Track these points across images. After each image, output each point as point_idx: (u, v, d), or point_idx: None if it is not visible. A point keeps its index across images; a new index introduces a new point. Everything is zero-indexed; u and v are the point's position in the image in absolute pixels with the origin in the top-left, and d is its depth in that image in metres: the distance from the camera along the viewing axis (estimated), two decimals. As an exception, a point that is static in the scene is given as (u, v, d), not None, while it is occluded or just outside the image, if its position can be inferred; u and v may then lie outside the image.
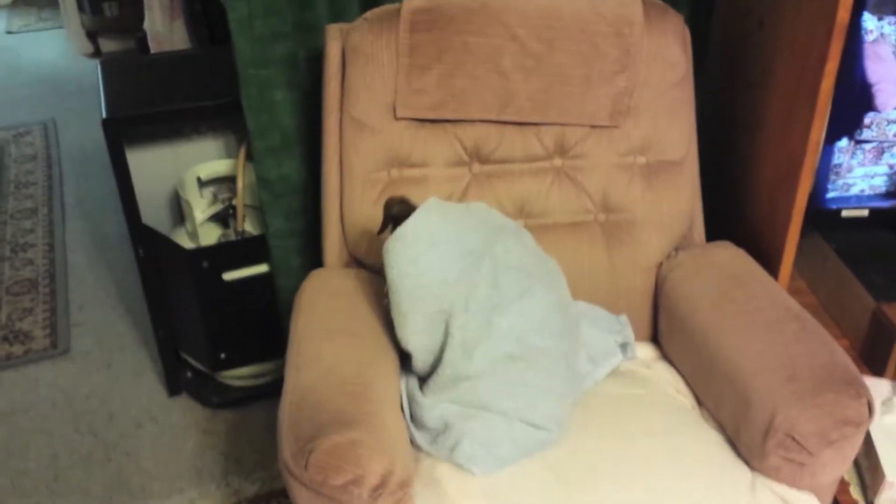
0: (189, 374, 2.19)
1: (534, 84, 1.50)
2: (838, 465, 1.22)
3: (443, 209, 1.35)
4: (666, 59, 1.52)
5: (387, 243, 1.31)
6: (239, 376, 2.12)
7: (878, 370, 1.59)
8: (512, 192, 1.57)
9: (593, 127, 1.55)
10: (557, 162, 1.58)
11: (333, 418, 1.13)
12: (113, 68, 2.07)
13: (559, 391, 1.32)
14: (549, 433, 1.28)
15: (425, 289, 1.29)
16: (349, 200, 1.54)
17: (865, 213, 1.68)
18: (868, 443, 1.41)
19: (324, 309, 1.40)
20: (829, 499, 1.30)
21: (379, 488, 1.10)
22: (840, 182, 1.68)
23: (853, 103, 1.58)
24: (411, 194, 1.54)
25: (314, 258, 1.85)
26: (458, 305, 1.28)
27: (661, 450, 1.29)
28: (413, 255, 1.29)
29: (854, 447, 1.21)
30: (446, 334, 1.28)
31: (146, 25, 3.28)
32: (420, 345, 1.31)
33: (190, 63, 2.14)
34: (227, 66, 1.93)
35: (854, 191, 1.68)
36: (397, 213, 1.35)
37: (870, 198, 1.71)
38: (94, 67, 2.10)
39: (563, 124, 1.55)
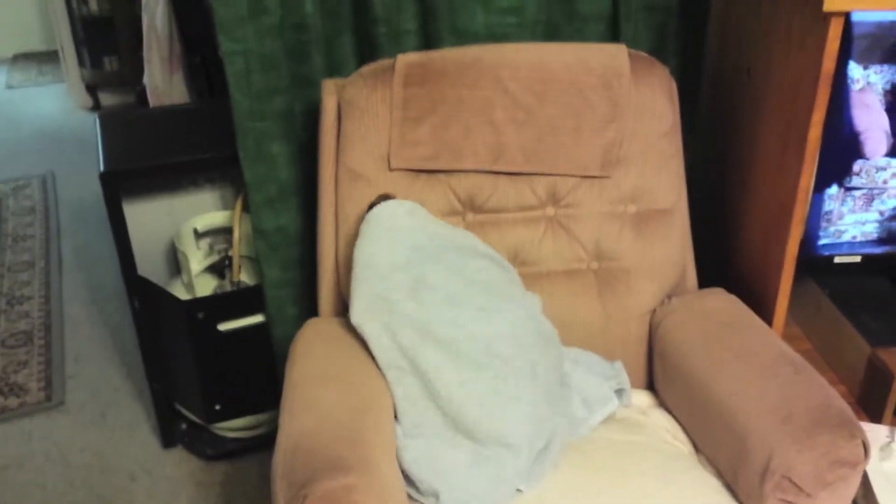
0: (183, 426, 2.17)
1: (526, 135, 1.53)
2: (835, 508, 1.21)
3: (414, 210, 1.47)
4: (654, 110, 1.55)
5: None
6: (234, 428, 2.11)
7: (875, 416, 1.59)
8: (505, 241, 1.59)
9: (584, 177, 1.58)
10: (550, 211, 1.60)
11: (327, 464, 1.13)
12: (111, 122, 2.10)
13: (529, 400, 1.33)
14: (518, 454, 1.28)
15: (372, 268, 1.39)
16: (344, 250, 1.55)
17: (858, 259, 1.69)
18: (867, 487, 1.40)
19: (319, 356, 1.41)
20: (829, 543, 1.30)
21: (373, 537, 1.10)
22: (832, 229, 1.70)
23: (842, 151, 1.61)
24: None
25: (310, 307, 1.86)
26: (402, 289, 1.37)
27: (658, 494, 1.28)
28: (369, 236, 1.42)
29: (851, 488, 1.21)
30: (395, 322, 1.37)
31: (145, 79, 3.33)
32: (369, 330, 1.38)
33: (188, 116, 2.17)
34: (224, 119, 1.96)
35: (846, 237, 1.70)
36: (375, 202, 1.48)
37: (862, 244, 1.73)
38: (94, 121, 2.13)
39: (554, 174, 1.58)
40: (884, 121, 1.56)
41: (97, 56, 4.49)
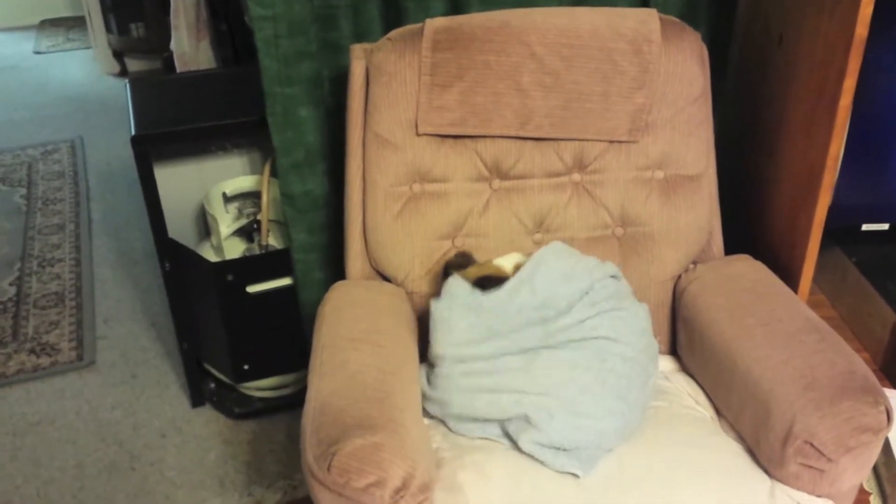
0: (212, 386, 2.22)
1: (553, 101, 1.53)
2: (857, 472, 1.22)
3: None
4: (684, 76, 1.54)
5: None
6: (261, 387, 2.15)
7: (898, 384, 1.59)
8: (531, 207, 1.60)
9: (612, 142, 1.58)
10: (576, 177, 1.60)
11: (356, 422, 1.15)
12: (141, 87, 2.12)
13: (631, 402, 1.35)
14: (596, 447, 1.31)
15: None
16: (371, 214, 1.57)
17: (886, 227, 1.68)
18: (888, 453, 1.41)
19: (347, 319, 1.43)
20: (848, 508, 1.31)
21: (400, 491, 1.12)
22: (859, 197, 1.69)
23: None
24: (432, 208, 1.57)
25: (337, 272, 1.88)
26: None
27: (681, 459, 1.30)
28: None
29: (873, 454, 1.22)
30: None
31: (172, 45, 3.35)
32: None
33: (216, 82, 2.19)
34: (252, 85, 1.97)
35: (873, 206, 1.69)
36: (451, 262, 1.48)
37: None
38: (121, 87, 2.16)
39: (581, 140, 1.58)
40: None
41: (124, 22, 4.51)
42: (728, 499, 1.24)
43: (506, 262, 1.47)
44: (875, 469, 1.46)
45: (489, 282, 1.41)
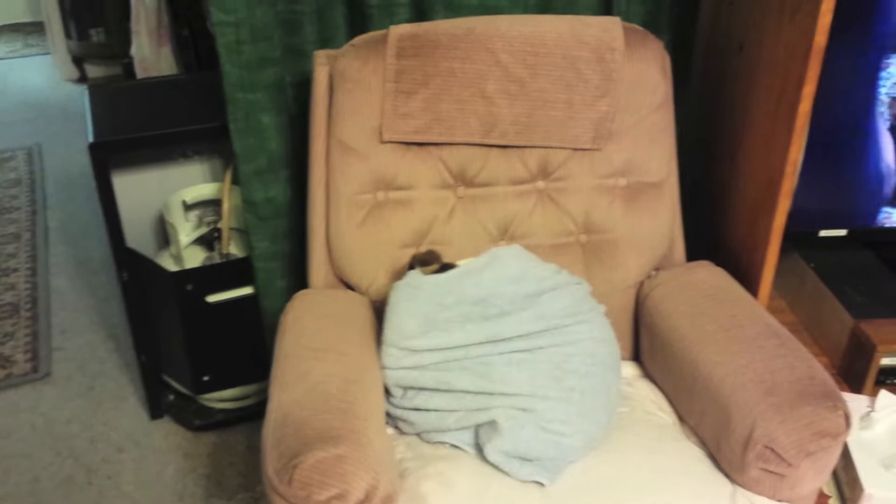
0: (171, 397, 2.18)
1: (517, 108, 1.53)
2: (817, 476, 1.23)
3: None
4: (646, 84, 1.55)
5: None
6: (221, 399, 2.12)
7: (856, 387, 1.61)
8: (496, 215, 1.59)
9: (575, 150, 1.58)
10: (541, 184, 1.60)
11: (318, 434, 1.14)
12: (100, 93, 2.09)
13: (594, 420, 1.34)
14: (563, 461, 1.31)
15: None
16: (335, 222, 1.55)
17: (843, 232, 1.71)
18: (847, 456, 1.42)
19: (309, 328, 1.41)
20: (809, 512, 1.32)
21: (364, 503, 1.11)
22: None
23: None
24: (397, 216, 1.56)
25: (299, 280, 1.87)
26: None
27: (644, 465, 1.30)
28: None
29: (832, 459, 1.23)
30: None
31: (133, 51, 3.30)
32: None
33: (177, 88, 2.16)
34: (213, 91, 1.95)
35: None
36: (416, 257, 1.48)
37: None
38: (80, 93, 2.12)
39: (546, 147, 1.58)
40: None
41: (84, 28, 4.44)
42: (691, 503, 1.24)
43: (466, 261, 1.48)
44: (835, 473, 1.47)
45: (443, 271, 1.43)
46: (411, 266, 1.50)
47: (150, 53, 3.24)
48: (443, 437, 1.36)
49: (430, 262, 1.48)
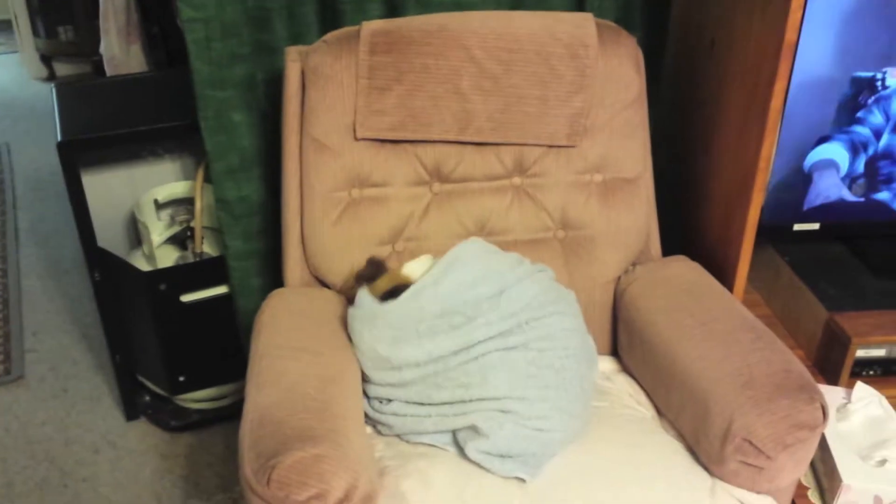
0: (147, 398, 2.16)
1: (492, 105, 1.53)
2: (795, 468, 1.24)
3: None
4: (620, 79, 1.55)
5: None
6: (198, 399, 2.10)
7: (832, 379, 1.63)
8: (472, 211, 1.59)
9: (551, 146, 1.58)
10: (517, 180, 1.60)
11: (296, 434, 1.13)
12: (68, 91, 2.06)
13: (571, 412, 1.34)
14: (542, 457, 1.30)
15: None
16: (310, 220, 1.54)
17: (816, 226, 1.72)
18: (824, 448, 1.44)
19: (285, 327, 1.40)
20: (787, 502, 1.33)
21: (343, 502, 1.10)
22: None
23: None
24: (372, 213, 1.55)
25: (274, 279, 1.85)
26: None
27: (623, 459, 1.30)
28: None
29: (809, 451, 1.24)
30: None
31: (102, 49, 3.26)
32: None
33: (147, 85, 2.13)
34: (184, 89, 1.93)
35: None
36: (360, 273, 1.44)
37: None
38: (49, 92, 2.08)
39: (521, 144, 1.58)
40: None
41: (52, 25, 4.38)
42: (670, 497, 1.25)
43: (416, 269, 1.43)
44: (813, 465, 1.49)
45: (397, 292, 1.39)
46: (358, 283, 1.46)
47: (120, 51, 3.20)
48: (420, 439, 1.35)
49: (376, 275, 1.44)
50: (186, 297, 1.93)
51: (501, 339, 1.35)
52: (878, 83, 1.58)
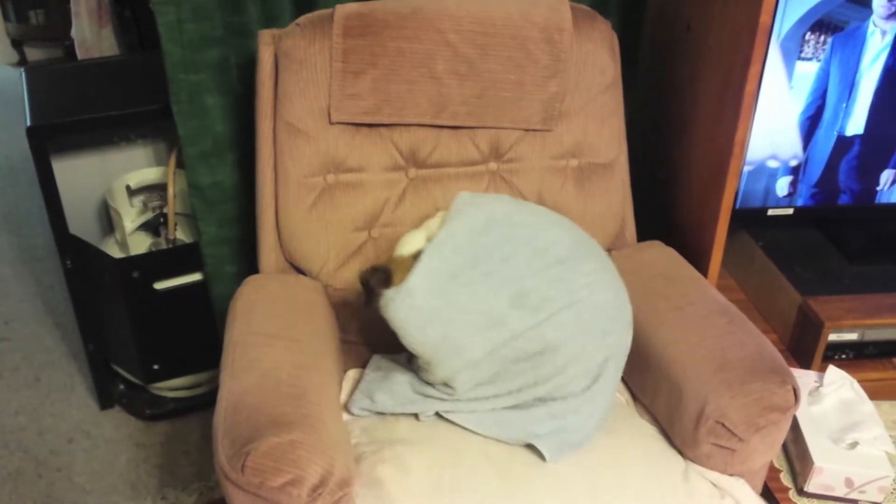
0: (121, 387, 2.14)
1: (468, 89, 1.52)
2: (767, 450, 1.25)
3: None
4: (595, 64, 1.55)
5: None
6: (173, 387, 2.08)
7: (805, 362, 1.64)
8: (448, 197, 1.58)
9: (527, 131, 1.58)
10: (493, 165, 1.60)
11: (271, 420, 1.12)
12: (37, 76, 2.02)
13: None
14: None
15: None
16: (284, 206, 1.53)
17: (790, 211, 1.73)
18: (796, 431, 1.45)
19: (260, 314, 1.39)
20: (760, 484, 1.35)
21: (318, 488, 1.10)
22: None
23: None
24: (347, 199, 1.54)
25: (249, 265, 1.84)
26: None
27: (597, 443, 1.31)
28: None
29: (781, 433, 1.25)
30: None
31: (73, 33, 3.21)
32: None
33: (118, 69, 2.10)
34: (156, 73, 1.90)
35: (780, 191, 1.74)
36: (375, 283, 1.32)
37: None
38: (19, 76, 2.05)
39: (497, 128, 1.57)
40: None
41: (22, 9, 4.31)
42: (645, 480, 1.26)
43: (413, 244, 1.37)
44: (785, 447, 1.50)
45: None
46: (369, 290, 1.34)
47: (91, 35, 3.15)
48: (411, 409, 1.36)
49: (389, 277, 1.33)
50: (160, 285, 1.91)
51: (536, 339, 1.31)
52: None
